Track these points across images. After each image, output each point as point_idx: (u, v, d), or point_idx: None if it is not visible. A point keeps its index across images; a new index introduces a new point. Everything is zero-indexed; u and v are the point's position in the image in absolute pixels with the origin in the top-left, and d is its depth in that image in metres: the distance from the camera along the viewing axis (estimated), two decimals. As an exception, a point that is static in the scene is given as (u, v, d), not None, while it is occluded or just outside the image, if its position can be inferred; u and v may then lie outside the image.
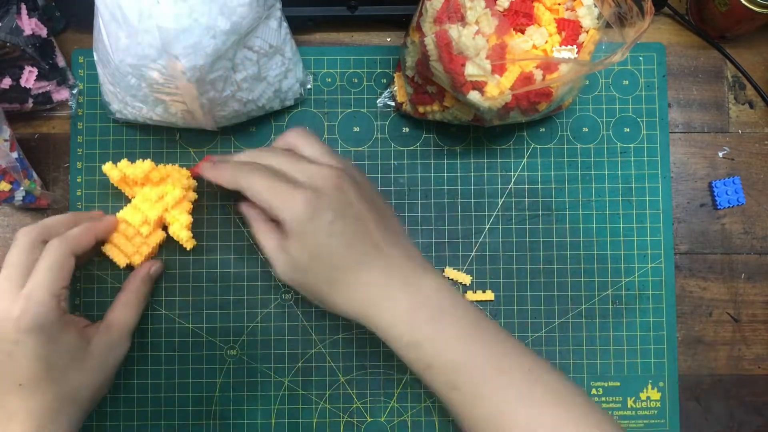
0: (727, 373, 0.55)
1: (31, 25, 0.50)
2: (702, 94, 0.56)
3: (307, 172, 0.44)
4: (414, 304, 0.42)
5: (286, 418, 0.53)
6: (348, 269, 0.43)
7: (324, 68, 0.55)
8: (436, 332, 0.42)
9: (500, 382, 0.41)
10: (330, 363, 0.54)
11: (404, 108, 0.53)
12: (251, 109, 0.50)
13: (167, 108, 0.48)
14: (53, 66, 0.52)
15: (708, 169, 0.56)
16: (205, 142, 0.55)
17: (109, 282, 0.54)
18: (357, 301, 0.43)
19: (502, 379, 0.41)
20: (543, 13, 0.45)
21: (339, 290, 0.43)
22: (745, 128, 0.56)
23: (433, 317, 0.42)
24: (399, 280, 0.43)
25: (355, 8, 0.54)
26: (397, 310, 0.42)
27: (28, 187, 0.50)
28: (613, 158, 0.55)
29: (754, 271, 0.55)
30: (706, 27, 0.56)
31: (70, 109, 0.54)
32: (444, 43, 0.42)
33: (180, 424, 0.53)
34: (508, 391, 0.40)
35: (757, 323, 0.55)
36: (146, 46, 0.41)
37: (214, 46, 0.42)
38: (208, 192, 0.54)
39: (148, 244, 0.51)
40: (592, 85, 0.56)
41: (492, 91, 0.43)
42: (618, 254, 0.55)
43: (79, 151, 0.54)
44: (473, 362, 0.41)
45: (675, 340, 0.54)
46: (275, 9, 0.47)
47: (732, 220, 0.56)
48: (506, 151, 0.55)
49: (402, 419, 0.54)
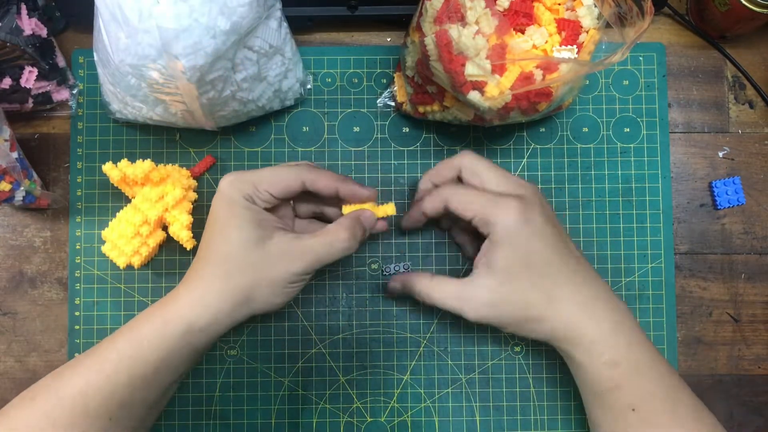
0: (727, 373, 0.55)
1: (31, 25, 0.50)
2: (702, 94, 0.56)
3: (509, 185, 0.45)
4: (615, 324, 0.44)
5: (286, 418, 0.53)
6: (558, 281, 0.44)
7: (324, 68, 0.55)
8: (632, 355, 0.43)
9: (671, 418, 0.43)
10: (330, 363, 0.54)
11: (404, 108, 0.53)
12: (251, 109, 0.50)
13: (167, 108, 0.48)
14: (53, 66, 0.52)
15: (708, 169, 0.56)
16: (205, 142, 0.55)
17: (109, 282, 0.54)
18: (561, 317, 0.44)
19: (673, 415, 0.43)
20: (543, 13, 0.45)
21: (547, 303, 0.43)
22: (745, 128, 0.56)
23: (630, 341, 0.44)
24: (601, 295, 0.44)
25: (355, 8, 0.54)
26: (602, 328, 0.43)
27: (28, 187, 0.50)
28: (613, 158, 0.55)
29: (754, 271, 0.55)
30: (706, 27, 0.56)
31: (70, 109, 0.54)
32: (444, 43, 0.42)
33: (180, 424, 0.53)
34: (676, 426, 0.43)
35: (757, 323, 0.55)
36: (146, 46, 0.41)
37: (214, 46, 0.42)
38: (208, 192, 0.54)
39: (148, 244, 0.51)
40: (592, 85, 0.56)
41: (492, 91, 0.43)
42: (618, 254, 0.55)
43: (79, 151, 0.54)
44: (655, 390, 0.43)
45: (675, 340, 0.54)
46: (275, 9, 0.47)
47: (732, 220, 0.56)
48: (506, 151, 0.55)
49: (402, 419, 0.54)
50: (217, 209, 0.44)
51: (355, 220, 0.46)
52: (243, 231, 0.43)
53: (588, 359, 0.44)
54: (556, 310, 0.44)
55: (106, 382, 0.41)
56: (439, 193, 0.46)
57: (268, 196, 0.45)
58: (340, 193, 0.46)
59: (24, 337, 0.54)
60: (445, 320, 0.54)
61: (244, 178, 0.44)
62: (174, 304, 0.43)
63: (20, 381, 0.54)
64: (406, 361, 0.54)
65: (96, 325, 0.53)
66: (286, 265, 0.43)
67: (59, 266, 0.54)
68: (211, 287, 0.43)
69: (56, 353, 0.54)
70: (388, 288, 0.50)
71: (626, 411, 0.43)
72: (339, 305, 0.54)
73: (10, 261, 0.54)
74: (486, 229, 0.44)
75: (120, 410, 0.41)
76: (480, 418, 0.54)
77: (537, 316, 0.44)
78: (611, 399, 0.44)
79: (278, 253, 0.43)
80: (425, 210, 0.47)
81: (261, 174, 0.45)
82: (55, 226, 0.54)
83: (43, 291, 0.54)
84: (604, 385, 0.44)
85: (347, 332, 0.54)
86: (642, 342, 0.45)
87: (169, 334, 0.42)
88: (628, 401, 0.43)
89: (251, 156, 0.55)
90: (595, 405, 0.45)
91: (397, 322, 0.54)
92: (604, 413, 0.44)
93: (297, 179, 0.45)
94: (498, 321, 0.44)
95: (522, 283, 0.43)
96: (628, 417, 0.43)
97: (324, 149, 0.55)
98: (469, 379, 0.54)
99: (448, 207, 0.46)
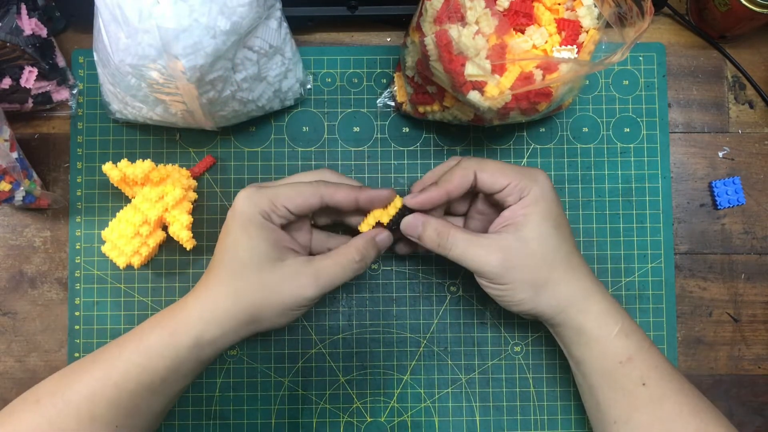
0: (727, 373, 0.55)
1: (31, 25, 0.50)
2: (702, 94, 0.56)
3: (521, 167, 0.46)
4: (614, 300, 0.46)
5: (286, 418, 0.53)
6: (574, 250, 0.46)
7: (324, 68, 0.55)
8: (638, 329, 0.45)
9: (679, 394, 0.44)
10: (330, 363, 0.54)
11: (404, 108, 0.53)
12: (251, 109, 0.50)
13: (167, 108, 0.48)
14: (53, 66, 0.52)
15: (708, 169, 0.56)
16: (205, 142, 0.55)
17: (109, 282, 0.54)
18: (577, 284, 0.45)
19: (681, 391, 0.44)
20: (543, 13, 0.45)
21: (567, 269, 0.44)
22: (745, 128, 0.56)
23: (628, 315, 0.46)
24: (595, 281, 0.46)
25: (355, 8, 0.54)
26: (607, 301, 0.45)
27: (28, 187, 0.50)
28: (613, 158, 0.55)
29: (754, 271, 0.55)
30: (706, 27, 0.56)
31: (70, 109, 0.54)
32: (444, 43, 0.42)
33: (180, 424, 0.53)
34: (684, 402, 0.43)
35: (757, 323, 0.55)
36: (146, 46, 0.41)
37: (214, 46, 0.42)
38: (208, 192, 0.54)
39: (148, 244, 0.51)
40: (592, 85, 0.56)
41: (492, 91, 0.43)
42: (618, 254, 0.55)
43: (79, 151, 0.54)
44: (663, 366, 0.44)
45: (675, 340, 0.54)
46: (275, 9, 0.47)
47: (732, 220, 0.56)
48: (506, 151, 0.55)
49: (402, 419, 0.54)
50: (231, 225, 0.44)
51: (369, 242, 0.46)
52: (255, 251, 0.43)
53: (601, 330, 0.44)
54: (573, 274, 0.44)
55: (113, 390, 0.41)
56: (465, 166, 0.45)
57: (286, 212, 0.44)
58: (360, 202, 0.46)
59: (24, 337, 0.54)
60: (445, 320, 0.54)
61: (261, 193, 0.44)
62: (183, 316, 0.43)
63: (20, 381, 0.54)
64: (406, 361, 0.54)
65: (96, 325, 0.53)
66: (296, 289, 0.43)
67: (59, 266, 0.54)
68: (221, 303, 0.43)
69: (56, 353, 0.54)
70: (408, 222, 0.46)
71: (637, 386, 0.43)
72: (339, 305, 0.54)
73: (10, 261, 0.54)
74: (518, 196, 0.44)
75: (126, 418, 0.41)
76: (480, 418, 0.54)
77: (557, 279, 0.44)
78: (623, 374, 0.44)
79: (290, 276, 0.43)
80: (451, 190, 0.45)
81: (279, 190, 0.44)
82: (55, 226, 0.54)
83: (43, 291, 0.54)
84: (618, 358, 0.44)
85: (347, 332, 0.54)
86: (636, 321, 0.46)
87: (177, 346, 0.42)
88: (639, 374, 0.43)
89: (251, 156, 0.55)
90: (604, 385, 0.45)
91: (397, 322, 0.54)
92: (613, 392, 0.44)
93: (315, 195, 0.45)
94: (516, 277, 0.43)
95: (551, 241, 0.44)
96: (639, 393, 0.43)
97: (324, 149, 0.55)
98: (469, 379, 0.54)
99: (479, 178, 0.45)
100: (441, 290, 0.54)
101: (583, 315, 0.44)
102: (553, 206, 0.45)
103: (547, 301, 0.44)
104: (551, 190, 0.45)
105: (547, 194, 0.44)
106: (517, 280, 0.44)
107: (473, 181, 0.45)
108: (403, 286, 0.54)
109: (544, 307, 0.44)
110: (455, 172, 0.45)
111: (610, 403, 0.44)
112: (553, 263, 0.44)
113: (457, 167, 0.46)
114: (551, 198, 0.45)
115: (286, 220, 0.45)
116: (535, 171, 0.45)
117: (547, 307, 0.44)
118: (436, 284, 0.54)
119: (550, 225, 0.44)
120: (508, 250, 0.43)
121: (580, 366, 0.46)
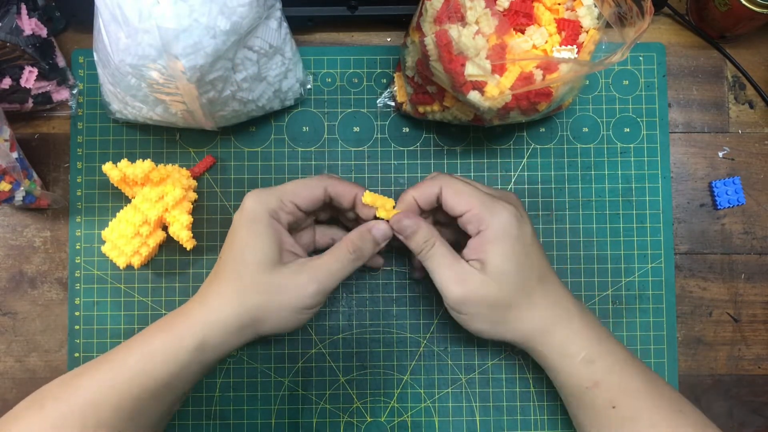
0: (727, 373, 0.55)
1: (31, 25, 0.50)
2: (702, 94, 0.56)
3: (497, 192, 0.46)
4: (585, 324, 0.45)
5: (286, 418, 0.53)
6: (536, 282, 0.44)
7: (324, 68, 0.55)
8: (607, 352, 0.44)
9: (652, 412, 0.43)
10: (330, 363, 0.54)
11: (404, 108, 0.53)
12: (251, 109, 0.50)
13: (167, 108, 0.48)
14: (53, 66, 0.52)
15: (708, 169, 0.56)
16: (205, 142, 0.55)
17: (109, 282, 0.54)
18: (538, 318, 0.44)
19: (654, 409, 0.43)
20: (543, 13, 0.45)
21: (527, 305, 0.44)
22: (745, 128, 0.56)
23: (600, 339, 0.45)
24: (570, 301, 0.45)
25: (355, 8, 0.54)
26: (573, 328, 0.44)
27: (28, 187, 0.50)
28: (613, 158, 0.55)
29: (754, 271, 0.55)
30: (706, 27, 0.56)
31: (70, 109, 0.54)
32: (444, 43, 0.42)
33: (180, 424, 0.53)
34: (659, 420, 0.43)
35: (757, 323, 0.55)
36: (146, 46, 0.41)
37: (214, 46, 0.42)
38: (208, 192, 0.54)
39: (148, 244, 0.51)
40: (592, 85, 0.56)
41: (492, 91, 0.43)
42: (618, 254, 0.55)
43: (79, 151, 0.54)
44: (633, 386, 0.44)
45: (675, 340, 0.54)
46: (275, 9, 0.47)
47: (732, 220, 0.56)
48: (506, 151, 0.55)
49: (402, 419, 0.54)
50: (238, 227, 0.44)
51: (363, 234, 0.46)
52: (260, 252, 0.43)
53: (563, 360, 0.44)
54: (533, 311, 0.44)
55: (117, 396, 0.41)
56: (435, 179, 0.46)
57: (293, 208, 0.45)
58: (357, 201, 0.46)
59: (24, 337, 0.54)
60: (445, 320, 0.54)
61: (268, 192, 0.45)
62: (187, 320, 0.43)
63: (20, 381, 0.54)
64: (406, 361, 0.54)
65: (96, 325, 0.53)
66: (297, 288, 0.43)
67: (59, 266, 0.54)
68: (225, 307, 0.43)
69: (56, 353, 0.54)
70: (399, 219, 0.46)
71: (607, 409, 0.43)
72: (339, 305, 0.54)
73: (10, 261, 0.54)
74: (478, 227, 0.44)
75: (129, 422, 0.41)
76: (480, 418, 0.54)
77: (514, 317, 0.44)
78: (590, 398, 0.44)
79: (290, 276, 0.43)
80: (417, 195, 0.46)
81: (285, 187, 0.45)
82: (55, 226, 0.54)
83: (43, 291, 0.54)
84: (583, 384, 0.44)
85: (347, 332, 0.54)
86: (612, 339, 0.45)
87: (180, 350, 0.42)
88: (607, 398, 0.43)
89: (251, 156, 0.55)
90: (575, 405, 0.45)
91: (397, 322, 0.54)
92: (585, 413, 0.44)
93: (319, 185, 0.46)
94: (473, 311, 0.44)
95: (510, 284, 0.43)
96: (610, 414, 0.43)
97: (324, 149, 0.55)
98: (469, 379, 0.54)
99: (443, 195, 0.45)
100: (441, 290, 0.54)
101: (545, 346, 0.44)
102: (513, 245, 0.43)
103: (505, 333, 0.45)
104: (512, 225, 0.43)
105: (506, 232, 0.43)
106: (474, 313, 0.44)
107: (438, 194, 0.45)
108: (403, 286, 0.54)
109: (504, 337, 0.45)
110: (424, 182, 0.46)
111: (584, 420, 0.45)
112: (511, 304, 0.44)
113: (428, 178, 0.47)
114: (511, 236, 0.43)
115: (294, 217, 0.46)
116: (498, 203, 0.44)
117: (507, 337, 0.45)
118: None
119: (511, 266, 0.43)
120: (469, 285, 0.43)
121: (554, 382, 0.47)
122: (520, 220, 0.44)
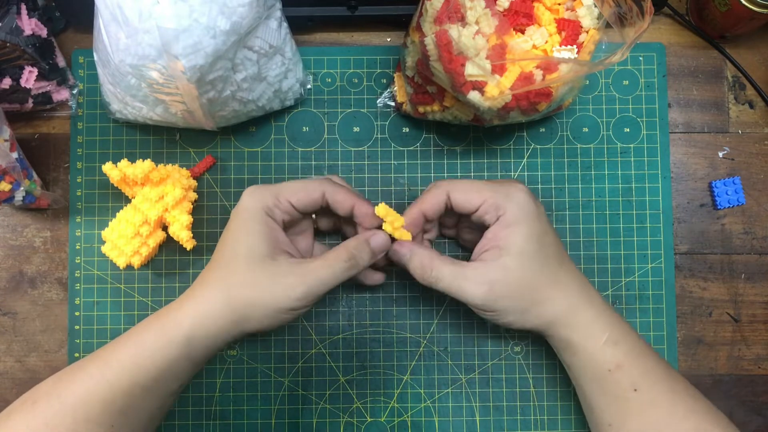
0: (727, 373, 0.55)
1: (31, 25, 0.50)
2: (702, 94, 0.56)
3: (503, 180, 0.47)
4: (606, 306, 0.45)
5: (286, 418, 0.53)
6: (560, 262, 0.45)
7: (324, 68, 0.55)
8: (629, 334, 0.45)
9: (673, 395, 0.44)
10: (330, 363, 0.54)
11: (404, 108, 0.53)
12: (251, 109, 0.50)
13: (167, 108, 0.48)
14: (53, 66, 0.52)
15: (708, 169, 0.56)
16: (205, 142, 0.55)
17: (109, 282, 0.54)
18: (562, 298, 0.44)
19: (673, 392, 0.44)
20: (543, 13, 0.45)
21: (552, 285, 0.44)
22: (745, 128, 0.56)
23: (620, 320, 0.45)
24: (588, 283, 0.46)
25: (355, 8, 0.54)
26: (596, 309, 0.45)
27: (28, 187, 0.50)
28: (613, 158, 0.55)
29: (754, 271, 0.55)
30: (706, 27, 0.56)
31: (70, 109, 0.54)
32: (444, 43, 0.42)
33: (180, 424, 0.53)
34: (678, 404, 0.43)
35: (757, 323, 0.55)
36: (146, 46, 0.41)
37: (214, 46, 0.42)
38: (208, 192, 0.54)
39: (148, 244, 0.51)
40: (592, 85, 0.56)
41: (492, 91, 0.43)
42: (618, 254, 0.55)
43: (79, 151, 0.54)
44: (654, 370, 0.44)
45: (675, 340, 0.54)
46: (275, 9, 0.47)
47: (732, 220, 0.56)
48: (506, 151, 0.55)
49: (402, 419, 0.54)
50: (233, 220, 0.45)
51: (360, 243, 0.45)
52: (251, 248, 0.43)
53: (588, 341, 0.44)
54: (559, 291, 0.44)
55: (108, 389, 0.41)
56: (438, 187, 0.46)
57: (289, 207, 0.45)
58: (355, 211, 0.46)
59: (24, 337, 0.54)
60: (445, 320, 0.54)
61: (265, 188, 0.45)
62: (177, 314, 0.43)
63: (20, 381, 0.54)
64: (406, 361, 0.54)
65: (96, 325, 0.53)
66: (284, 288, 0.43)
67: (59, 266, 0.54)
68: (213, 302, 0.43)
69: (56, 353, 0.54)
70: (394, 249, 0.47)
71: (628, 392, 0.43)
72: (339, 305, 0.54)
73: (10, 261, 0.54)
74: (495, 215, 0.44)
75: (121, 417, 0.41)
76: (480, 418, 0.54)
77: (542, 299, 0.44)
78: (613, 381, 0.44)
79: (280, 275, 0.43)
80: (425, 209, 0.46)
81: (283, 185, 0.45)
82: (55, 226, 0.54)
83: (43, 291, 0.54)
84: (606, 366, 0.44)
85: (347, 332, 0.54)
86: (627, 322, 0.46)
87: (169, 344, 0.42)
88: (630, 381, 0.43)
89: (251, 156, 0.55)
90: (596, 391, 0.45)
91: (397, 322, 0.54)
92: (605, 398, 0.44)
93: (318, 189, 0.45)
94: (503, 305, 0.44)
95: (534, 263, 0.44)
96: (630, 398, 0.43)
97: (324, 149, 0.55)
98: (469, 379, 0.54)
99: (452, 199, 0.45)
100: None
101: (570, 329, 0.44)
102: (534, 224, 0.44)
103: (533, 320, 0.45)
104: (530, 204, 0.44)
105: (525, 211, 0.44)
106: (503, 307, 0.44)
107: (447, 201, 0.45)
108: (403, 286, 0.54)
109: (532, 325, 0.45)
110: (428, 193, 0.46)
111: (603, 408, 0.45)
112: (538, 285, 0.44)
113: (431, 188, 0.46)
114: (531, 214, 0.44)
115: (289, 216, 0.45)
116: (511, 186, 0.44)
117: (535, 324, 0.45)
118: (436, 284, 0.54)
119: (533, 245, 0.43)
120: (492, 283, 0.43)
121: (571, 371, 0.46)
122: (536, 200, 0.45)
